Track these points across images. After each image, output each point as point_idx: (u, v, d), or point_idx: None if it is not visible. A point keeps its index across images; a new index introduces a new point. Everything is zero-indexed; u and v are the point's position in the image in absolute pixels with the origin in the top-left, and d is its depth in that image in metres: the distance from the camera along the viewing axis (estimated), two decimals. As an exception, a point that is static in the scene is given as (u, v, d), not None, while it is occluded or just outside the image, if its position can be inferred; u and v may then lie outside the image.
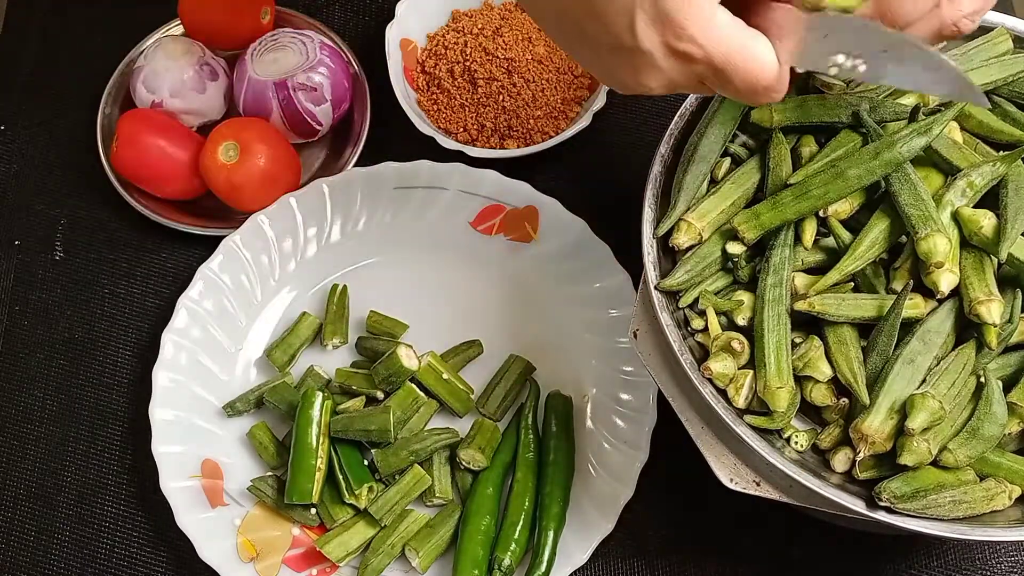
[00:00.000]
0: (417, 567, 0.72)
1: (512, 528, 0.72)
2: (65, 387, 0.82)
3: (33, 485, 0.79)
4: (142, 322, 0.83)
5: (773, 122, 0.65)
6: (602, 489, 0.73)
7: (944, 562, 0.75)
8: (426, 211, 0.83)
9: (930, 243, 0.57)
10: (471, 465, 0.74)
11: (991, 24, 0.68)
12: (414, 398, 0.75)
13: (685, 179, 0.64)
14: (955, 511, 0.56)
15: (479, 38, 0.87)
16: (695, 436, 0.61)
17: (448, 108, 0.87)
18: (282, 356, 0.79)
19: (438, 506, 0.75)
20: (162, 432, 0.75)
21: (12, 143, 0.90)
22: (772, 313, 0.60)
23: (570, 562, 0.71)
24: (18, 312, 0.84)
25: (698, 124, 0.66)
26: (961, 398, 0.57)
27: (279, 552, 0.73)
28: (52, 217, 0.87)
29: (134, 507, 0.78)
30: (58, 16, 0.95)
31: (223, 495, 0.75)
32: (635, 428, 0.74)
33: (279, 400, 0.76)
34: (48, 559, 0.76)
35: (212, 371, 0.78)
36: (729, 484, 0.60)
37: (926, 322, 0.59)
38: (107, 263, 0.86)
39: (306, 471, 0.72)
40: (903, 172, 0.60)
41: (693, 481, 0.68)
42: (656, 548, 0.75)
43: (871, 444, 0.56)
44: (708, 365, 0.59)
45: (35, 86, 0.93)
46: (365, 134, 0.86)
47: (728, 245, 0.63)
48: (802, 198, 0.61)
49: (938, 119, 0.61)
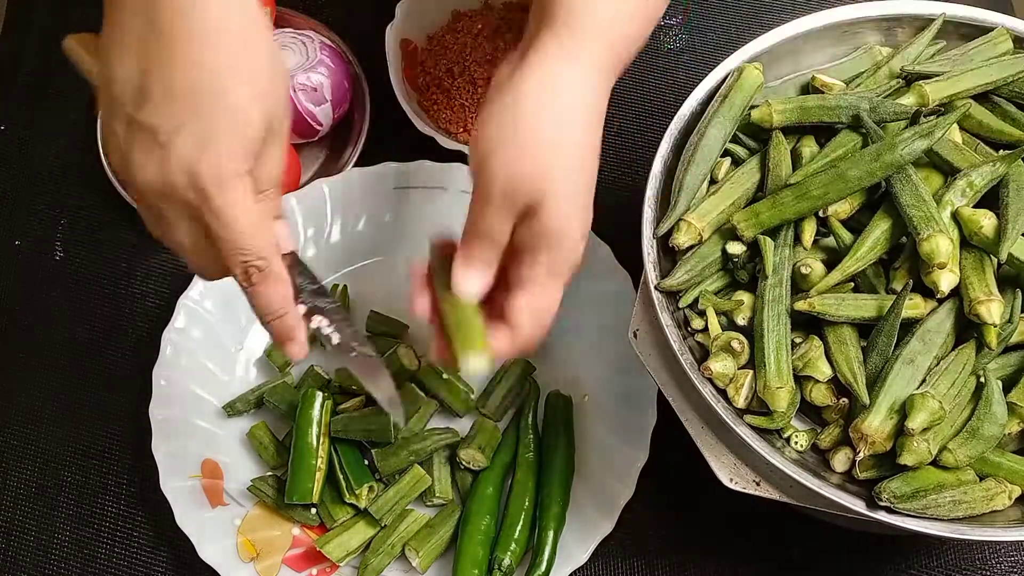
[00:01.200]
0: (417, 567, 0.72)
1: (512, 528, 0.72)
2: (65, 387, 0.82)
3: (33, 485, 0.79)
4: (142, 322, 0.83)
5: (773, 122, 0.65)
6: (602, 489, 0.73)
7: (944, 562, 0.75)
8: (426, 211, 0.83)
9: (932, 244, 0.57)
10: (471, 465, 0.74)
11: (991, 24, 0.68)
12: (414, 398, 0.75)
13: (685, 179, 0.64)
14: (955, 511, 0.56)
15: (479, 38, 0.87)
16: (695, 436, 0.61)
17: (448, 108, 0.87)
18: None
19: (438, 506, 0.75)
20: (162, 432, 0.75)
21: (12, 143, 0.90)
22: (772, 313, 0.60)
23: (570, 562, 0.71)
24: (18, 312, 0.84)
25: (698, 124, 0.66)
26: (961, 398, 0.57)
27: (279, 552, 0.73)
28: (52, 217, 0.87)
29: (134, 507, 0.78)
30: (58, 16, 0.95)
31: (223, 495, 0.75)
32: (635, 428, 0.74)
33: (279, 400, 0.76)
34: (48, 559, 0.76)
35: (212, 371, 0.78)
36: (729, 484, 0.60)
37: (926, 322, 0.59)
38: (107, 263, 0.86)
39: (306, 471, 0.72)
40: (904, 173, 0.60)
41: (693, 481, 0.68)
42: (656, 548, 0.75)
43: (871, 444, 0.56)
44: (708, 365, 0.59)
45: (35, 86, 0.93)
46: (365, 134, 0.86)
47: (728, 245, 0.63)
48: (802, 198, 0.61)
49: (940, 122, 0.61)
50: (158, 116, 0.49)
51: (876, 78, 0.67)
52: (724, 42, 0.93)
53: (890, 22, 0.69)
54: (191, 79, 0.48)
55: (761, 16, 0.94)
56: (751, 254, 0.63)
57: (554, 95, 0.56)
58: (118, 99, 0.50)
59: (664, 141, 0.66)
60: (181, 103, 0.49)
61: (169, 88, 0.48)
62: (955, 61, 0.66)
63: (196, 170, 0.49)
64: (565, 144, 0.57)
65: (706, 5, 0.95)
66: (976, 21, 0.68)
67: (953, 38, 0.69)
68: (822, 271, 0.61)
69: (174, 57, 0.48)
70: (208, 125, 0.49)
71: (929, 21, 0.68)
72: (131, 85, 0.49)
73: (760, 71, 0.66)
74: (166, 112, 0.49)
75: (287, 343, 0.58)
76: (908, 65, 0.67)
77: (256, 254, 0.52)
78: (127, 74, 0.49)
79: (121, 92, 0.49)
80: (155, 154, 0.49)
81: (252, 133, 0.50)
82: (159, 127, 0.49)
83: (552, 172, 0.56)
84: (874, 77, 0.67)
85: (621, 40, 0.59)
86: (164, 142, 0.49)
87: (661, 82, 0.92)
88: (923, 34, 0.68)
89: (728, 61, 0.67)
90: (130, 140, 0.50)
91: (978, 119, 0.65)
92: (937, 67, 0.66)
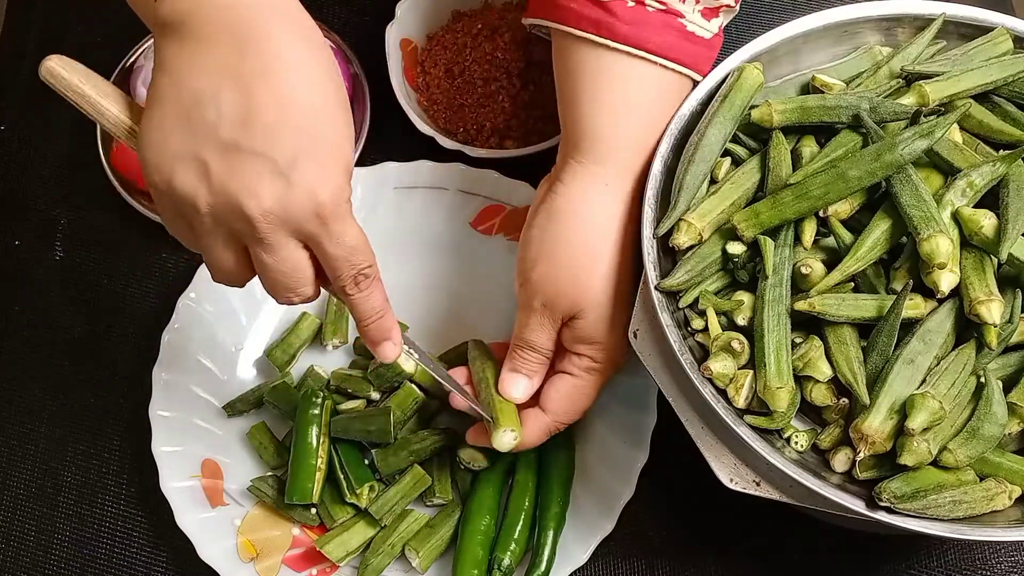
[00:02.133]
0: (417, 567, 0.72)
1: (512, 528, 0.72)
2: (65, 387, 0.82)
3: (33, 485, 0.79)
4: (142, 322, 0.83)
5: (773, 122, 0.65)
6: (602, 489, 0.73)
7: (944, 562, 0.74)
8: (426, 211, 0.83)
9: (932, 244, 0.57)
10: (471, 465, 0.74)
11: (991, 24, 0.68)
12: (414, 398, 0.75)
13: (685, 179, 0.64)
14: (955, 511, 0.56)
15: (479, 38, 0.87)
16: (695, 436, 0.61)
17: (448, 108, 0.87)
18: (282, 356, 0.79)
19: (438, 506, 0.75)
20: (162, 432, 0.75)
21: (12, 143, 0.90)
22: (772, 313, 0.60)
23: (570, 562, 0.71)
24: (18, 312, 0.84)
25: (698, 124, 0.66)
26: (961, 398, 0.57)
27: (279, 552, 0.73)
28: (52, 217, 0.87)
29: (134, 507, 0.78)
30: (58, 16, 0.95)
31: (223, 495, 0.75)
32: (635, 428, 0.74)
33: (279, 400, 0.76)
34: (48, 559, 0.76)
35: (212, 371, 0.78)
36: (729, 484, 0.60)
37: (926, 322, 0.59)
38: (107, 263, 0.86)
39: (306, 471, 0.72)
40: (904, 173, 0.60)
41: (693, 481, 0.68)
42: (656, 548, 0.75)
43: (871, 444, 0.56)
44: (708, 365, 0.59)
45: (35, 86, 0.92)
46: (365, 134, 0.86)
47: (728, 245, 0.63)
48: (802, 198, 0.61)
49: (940, 122, 0.61)
50: (270, 145, 0.50)
51: (876, 78, 0.67)
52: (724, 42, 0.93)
53: (890, 22, 0.69)
54: (300, 113, 0.51)
55: (761, 16, 0.94)
56: (751, 254, 0.63)
57: (586, 218, 0.64)
58: (211, 126, 0.50)
59: (664, 141, 0.66)
60: (294, 135, 0.51)
61: (279, 120, 0.50)
62: (955, 61, 0.66)
63: (320, 200, 0.52)
64: (598, 260, 0.64)
65: (706, 5, 0.95)
66: (976, 21, 0.68)
67: (953, 38, 0.69)
68: (822, 271, 0.61)
69: (279, 88, 0.50)
70: (322, 158, 0.52)
71: (929, 21, 0.68)
72: (231, 113, 0.50)
73: (760, 71, 0.66)
74: (279, 143, 0.50)
75: (383, 343, 0.62)
76: (908, 65, 0.67)
77: (366, 262, 0.57)
78: (224, 102, 0.50)
79: (217, 119, 0.50)
80: (275, 184, 0.51)
81: (350, 161, 0.55)
82: (275, 157, 0.50)
83: (588, 285, 0.64)
84: (874, 77, 0.67)
85: (639, 159, 0.65)
86: (284, 172, 0.51)
87: (661, 82, 0.92)
88: (923, 34, 0.68)
89: (728, 61, 0.68)
90: (234, 167, 0.50)
91: (978, 119, 0.65)
92: (937, 67, 0.66)
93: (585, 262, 0.64)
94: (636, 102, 0.64)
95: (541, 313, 0.65)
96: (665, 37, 0.63)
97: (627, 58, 0.63)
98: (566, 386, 0.67)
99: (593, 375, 0.66)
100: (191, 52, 0.51)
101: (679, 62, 0.64)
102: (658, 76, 0.64)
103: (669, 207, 0.64)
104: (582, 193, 0.64)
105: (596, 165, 0.64)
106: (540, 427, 0.67)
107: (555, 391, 0.67)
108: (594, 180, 0.64)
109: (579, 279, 0.64)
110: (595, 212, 0.64)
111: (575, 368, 0.66)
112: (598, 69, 0.64)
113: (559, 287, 0.64)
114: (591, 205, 0.64)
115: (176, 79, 0.51)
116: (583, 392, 0.67)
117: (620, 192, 0.65)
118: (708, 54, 0.66)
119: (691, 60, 0.65)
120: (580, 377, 0.66)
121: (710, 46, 0.66)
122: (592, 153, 0.64)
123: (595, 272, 0.64)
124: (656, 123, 0.66)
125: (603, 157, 0.64)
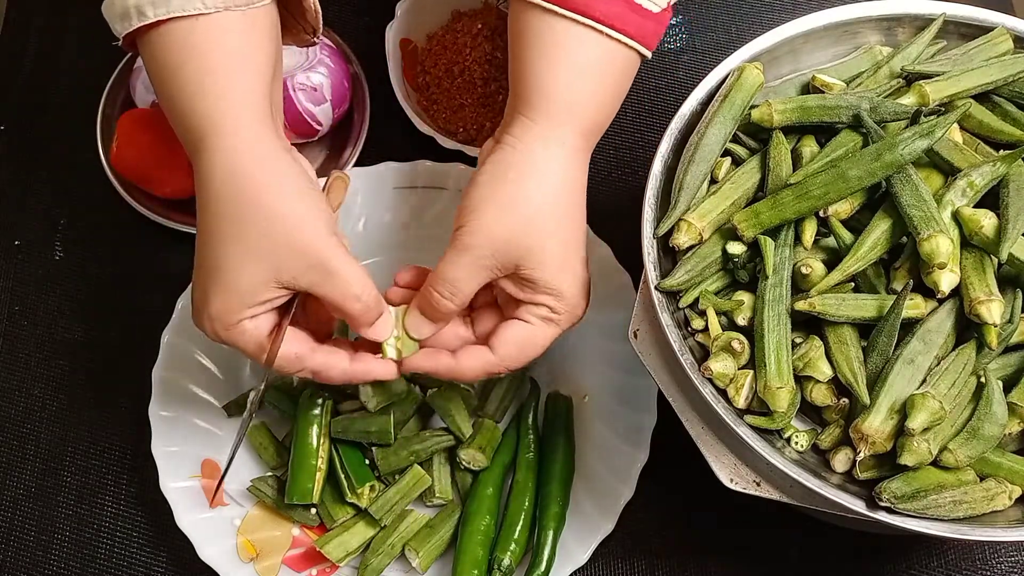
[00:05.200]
0: (417, 567, 0.72)
1: (512, 528, 0.72)
2: (65, 387, 0.82)
3: (33, 485, 0.79)
4: (142, 322, 0.83)
5: (773, 122, 0.65)
6: (602, 489, 0.73)
7: (944, 562, 0.75)
8: (426, 211, 0.83)
9: (933, 244, 0.57)
10: (471, 465, 0.74)
11: (991, 24, 0.68)
12: (414, 398, 0.75)
13: (685, 179, 0.64)
14: (955, 511, 0.56)
15: (479, 38, 0.87)
16: (695, 436, 0.61)
17: (448, 108, 0.87)
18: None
19: (438, 506, 0.75)
20: (162, 432, 0.75)
21: (12, 143, 0.90)
22: (772, 313, 0.60)
23: (570, 562, 0.71)
24: (18, 312, 0.84)
25: (698, 124, 0.66)
26: (961, 398, 0.57)
27: (279, 552, 0.73)
28: (52, 217, 0.87)
29: (134, 507, 0.78)
30: (58, 16, 0.95)
31: (223, 495, 0.75)
32: (635, 428, 0.74)
33: (279, 400, 0.76)
34: (48, 559, 0.76)
35: (212, 371, 0.78)
36: (729, 484, 0.60)
37: (926, 322, 0.59)
38: (107, 263, 0.86)
39: (306, 471, 0.72)
40: (904, 173, 0.60)
41: (693, 481, 0.68)
42: (656, 548, 0.75)
43: (871, 444, 0.56)
44: (708, 365, 0.59)
45: (35, 86, 0.93)
46: (365, 134, 0.86)
47: (728, 245, 0.63)
48: (802, 198, 0.61)
49: (940, 122, 0.61)
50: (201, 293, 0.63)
51: (876, 78, 0.67)
52: (724, 42, 0.93)
53: (890, 22, 0.69)
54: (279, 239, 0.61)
55: (761, 16, 0.94)
56: (751, 254, 0.63)
57: (543, 169, 0.64)
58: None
59: (664, 141, 0.66)
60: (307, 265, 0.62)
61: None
62: (955, 61, 0.66)
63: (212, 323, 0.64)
64: (547, 207, 0.64)
65: (706, 5, 0.95)
66: (976, 21, 0.68)
67: (953, 38, 0.69)
68: (822, 271, 0.61)
69: (259, 208, 0.61)
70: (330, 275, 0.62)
71: (929, 21, 0.68)
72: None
73: (760, 71, 0.66)
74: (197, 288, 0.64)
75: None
76: (908, 65, 0.67)
77: (259, 358, 0.63)
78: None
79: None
80: (198, 316, 0.64)
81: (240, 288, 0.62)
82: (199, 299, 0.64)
83: (547, 233, 0.63)
84: (874, 77, 0.67)
85: (588, 121, 0.66)
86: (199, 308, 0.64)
87: (661, 82, 0.92)
88: (923, 34, 0.68)
89: (728, 61, 0.67)
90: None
91: (978, 119, 0.65)
92: (937, 67, 0.66)
93: (544, 211, 0.63)
94: (583, 66, 0.65)
95: (480, 255, 0.63)
96: (612, 7, 0.64)
97: (575, 25, 0.64)
98: (521, 332, 0.65)
99: (549, 325, 0.66)
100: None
101: (624, 32, 0.64)
102: (603, 45, 0.65)
103: (669, 207, 0.64)
104: (536, 146, 0.64)
105: (548, 120, 0.65)
106: (483, 364, 0.66)
107: (509, 334, 0.66)
108: (546, 135, 0.64)
109: (535, 227, 0.63)
110: (550, 163, 0.64)
111: (531, 316, 0.65)
112: (548, 34, 0.64)
113: (513, 234, 0.63)
114: (545, 158, 0.64)
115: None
116: (535, 341, 0.66)
117: (571, 148, 0.65)
118: (655, 28, 0.66)
119: (636, 31, 0.65)
120: (536, 325, 0.66)
121: (658, 20, 0.66)
122: (543, 109, 0.65)
123: (552, 221, 0.64)
124: (603, 90, 0.66)
125: (554, 114, 0.65)
